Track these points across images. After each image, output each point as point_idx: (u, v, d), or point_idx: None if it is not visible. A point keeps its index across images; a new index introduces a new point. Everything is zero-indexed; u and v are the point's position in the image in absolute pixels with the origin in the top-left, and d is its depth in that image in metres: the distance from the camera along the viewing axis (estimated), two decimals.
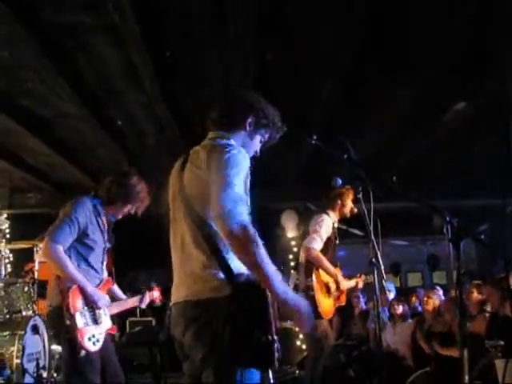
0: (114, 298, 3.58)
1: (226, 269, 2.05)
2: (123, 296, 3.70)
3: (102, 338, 3.19)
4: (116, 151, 6.68)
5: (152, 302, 3.86)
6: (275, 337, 2.05)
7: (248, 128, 2.32)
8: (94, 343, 3.09)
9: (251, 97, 2.39)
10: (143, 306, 3.80)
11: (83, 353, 3.00)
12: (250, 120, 2.32)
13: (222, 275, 2.05)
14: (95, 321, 3.19)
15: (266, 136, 2.39)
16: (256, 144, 2.38)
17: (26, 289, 5.58)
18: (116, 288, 3.68)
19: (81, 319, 3.08)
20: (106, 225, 3.46)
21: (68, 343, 3.05)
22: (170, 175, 2.39)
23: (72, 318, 3.02)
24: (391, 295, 6.75)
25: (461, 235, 2.10)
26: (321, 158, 5.96)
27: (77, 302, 3.10)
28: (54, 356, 5.32)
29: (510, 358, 3.73)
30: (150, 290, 3.82)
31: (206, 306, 2.05)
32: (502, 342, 4.00)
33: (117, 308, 3.56)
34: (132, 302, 3.74)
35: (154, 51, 4.19)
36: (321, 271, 4.64)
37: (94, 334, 3.11)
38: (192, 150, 2.30)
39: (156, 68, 4.46)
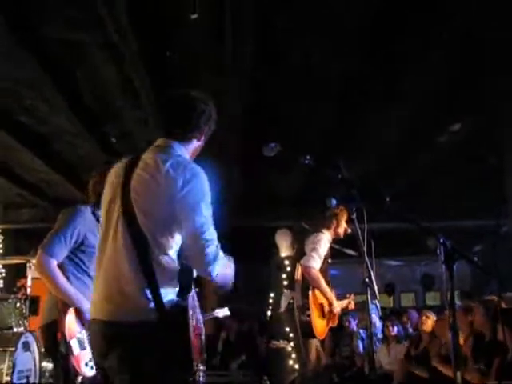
0: None
1: (156, 294, 1.97)
2: None
3: None
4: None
5: None
6: (200, 372, 1.98)
7: (203, 138, 2.29)
8: (91, 367, 2.92)
9: (212, 109, 2.29)
10: None
11: (79, 379, 2.87)
12: (205, 131, 2.28)
13: (151, 300, 1.97)
14: None
15: None
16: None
17: (17, 305, 5.51)
18: None
19: (77, 345, 2.91)
20: None
21: (63, 369, 2.91)
22: (106, 180, 2.23)
23: (68, 345, 2.87)
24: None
25: (454, 256, 2.10)
26: (315, 178, 6.00)
27: (72, 328, 2.93)
28: (44, 373, 5.25)
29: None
30: None
31: (132, 328, 1.96)
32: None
33: None
34: None
35: (152, 69, 4.24)
36: (316, 291, 4.60)
37: (90, 358, 2.90)
38: (141, 156, 2.14)
39: (154, 85, 4.50)
